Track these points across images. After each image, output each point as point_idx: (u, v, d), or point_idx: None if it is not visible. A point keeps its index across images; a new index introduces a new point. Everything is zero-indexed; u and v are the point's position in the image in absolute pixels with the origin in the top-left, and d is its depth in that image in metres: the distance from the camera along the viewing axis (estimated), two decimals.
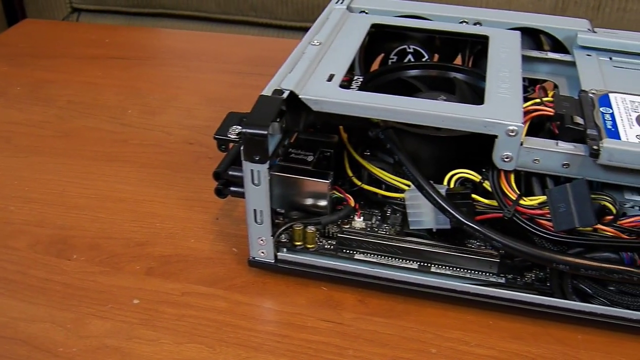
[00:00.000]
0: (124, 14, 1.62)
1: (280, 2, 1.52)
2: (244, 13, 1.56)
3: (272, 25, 1.55)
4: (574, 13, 1.39)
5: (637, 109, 0.57)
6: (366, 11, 0.74)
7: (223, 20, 1.58)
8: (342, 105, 0.55)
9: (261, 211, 0.57)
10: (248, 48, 1.13)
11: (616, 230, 0.54)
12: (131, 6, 1.59)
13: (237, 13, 1.56)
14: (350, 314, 0.59)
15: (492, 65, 0.62)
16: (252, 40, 1.27)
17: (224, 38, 1.25)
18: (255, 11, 1.55)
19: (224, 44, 1.15)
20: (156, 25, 1.56)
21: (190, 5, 1.56)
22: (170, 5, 1.57)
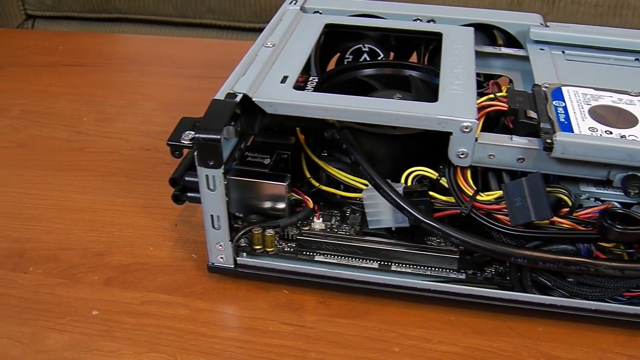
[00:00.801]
0: (80, 19, 1.59)
1: (238, 3, 1.51)
2: (201, 16, 1.55)
3: (231, 27, 1.55)
4: (530, 8, 1.40)
5: (590, 101, 0.58)
6: (320, 11, 0.74)
7: (181, 24, 1.56)
8: (296, 106, 0.55)
9: (218, 216, 0.57)
10: (205, 51, 1.12)
11: (572, 222, 0.54)
12: (87, 11, 1.57)
13: (195, 16, 1.55)
14: (312, 316, 0.58)
15: (446, 62, 0.62)
16: (209, 43, 1.27)
17: (180, 42, 1.24)
18: (213, 13, 1.54)
19: (181, 48, 1.14)
20: (113, 30, 1.55)
21: (147, 9, 1.55)
22: (126, 9, 1.55)
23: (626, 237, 0.52)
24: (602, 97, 0.59)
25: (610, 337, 0.57)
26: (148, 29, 1.57)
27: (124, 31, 1.54)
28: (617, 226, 0.51)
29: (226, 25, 1.55)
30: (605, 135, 0.53)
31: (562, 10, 1.40)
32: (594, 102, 0.58)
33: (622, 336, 0.57)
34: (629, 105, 0.58)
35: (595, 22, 1.39)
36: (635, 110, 0.57)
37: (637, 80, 0.65)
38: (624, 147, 0.52)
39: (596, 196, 0.56)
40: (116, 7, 1.55)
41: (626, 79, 0.65)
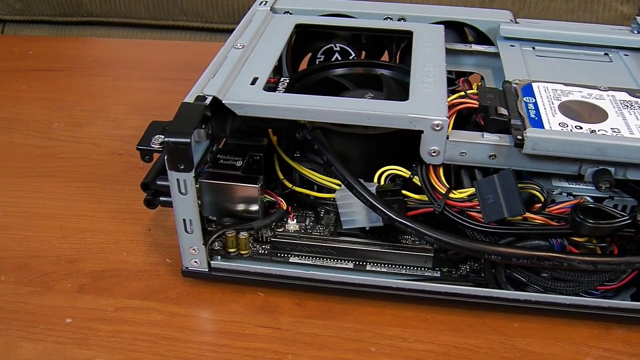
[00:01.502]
0: (50, 23, 1.57)
1: (211, 5, 1.50)
2: (174, 17, 1.54)
3: (204, 29, 1.53)
4: (501, 5, 1.41)
5: (560, 97, 0.58)
6: (290, 11, 0.74)
7: (153, 26, 1.55)
8: (266, 108, 0.54)
9: (190, 220, 0.56)
10: (177, 53, 1.11)
11: (545, 217, 0.55)
12: (58, 15, 1.55)
13: (167, 18, 1.54)
14: (288, 318, 0.58)
15: (417, 60, 0.62)
16: (182, 45, 1.26)
17: (152, 44, 1.23)
18: (185, 15, 1.53)
19: (153, 51, 1.13)
20: (85, 33, 1.53)
21: (119, 11, 1.53)
22: (98, 12, 1.54)
23: (598, 231, 0.53)
24: (572, 92, 0.59)
25: (585, 330, 0.58)
26: (120, 31, 1.55)
27: (95, 34, 1.52)
28: (588, 221, 0.52)
29: (199, 27, 1.54)
30: (575, 131, 0.53)
31: (534, 7, 1.41)
32: (564, 97, 0.58)
33: (596, 329, 0.58)
34: (598, 100, 0.58)
35: (567, 18, 1.40)
36: (604, 105, 0.57)
37: (606, 75, 0.66)
38: (594, 141, 0.52)
39: (568, 191, 0.56)
40: (87, 10, 1.53)
41: (596, 74, 0.66)
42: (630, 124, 0.55)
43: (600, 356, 0.55)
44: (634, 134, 0.53)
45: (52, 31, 1.55)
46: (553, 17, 1.40)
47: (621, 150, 0.52)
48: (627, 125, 0.55)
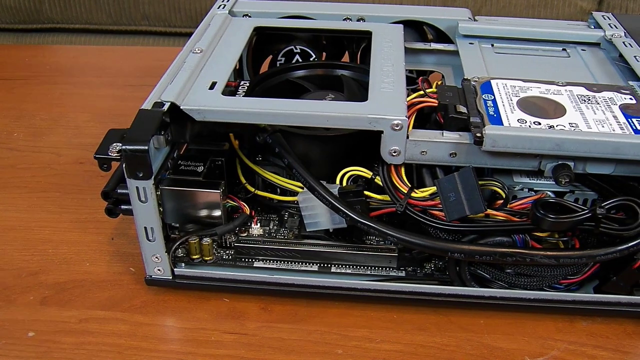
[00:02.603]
0: (10, 31, 1.55)
1: (173, 9, 1.49)
2: (136, 23, 1.52)
3: (167, 33, 1.53)
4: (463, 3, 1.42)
5: (519, 93, 0.58)
6: (249, 14, 0.73)
7: (115, 32, 1.54)
8: (225, 113, 0.54)
9: (152, 228, 0.56)
10: (139, 59, 1.10)
11: (507, 214, 0.55)
12: (18, 22, 1.53)
13: (130, 23, 1.53)
14: (254, 323, 0.58)
15: (376, 60, 0.62)
16: (144, 50, 1.25)
17: (114, 50, 1.22)
18: (147, 20, 1.52)
19: (114, 57, 1.12)
20: (46, 41, 1.51)
21: (80, 17, 1.52)
22: (59, 19, 1.52)
23: (559, 226, 0.53)
24: (530, 88, 0.59)
25: (550, 324, 0.58)
26: (82, 38, 1.54)
27: (57, 41, 1.50)
28: (549, 216, 0.52)
29: (162, 31, 1.53)
30: (534, 126, 0.54)
31: (495, 4, 1.42)
32: (523, 93, 0.58)
33: (561, 323, 0.58)
34: (556, 95, 0.58)
35: (527, 14, 1.41)
36: (562, 100, 0.58)
37: (564, 70, 0.66)
38: (552, 137, 0.52)
39: (530, 187, 0.57)
40: (48, 17, 1.51)
41: (554, 69, 0.67)
42: (588, 118, 0.55)
43: (566, 349, 0.56)
44: (592, 128, 0.54)
45: (11, 39, 1.54)
46: (514, 14, 1.41)
47: (579, 145, 0.52)
48: (585, 119, 0.55)
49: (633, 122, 0.55)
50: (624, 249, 0.53)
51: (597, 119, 0.55)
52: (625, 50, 0.67)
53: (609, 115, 0.56)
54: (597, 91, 0.60)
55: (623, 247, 0.53)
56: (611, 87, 0.61)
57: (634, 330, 0.58)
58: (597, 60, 0.68)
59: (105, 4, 1.49)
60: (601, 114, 0.56)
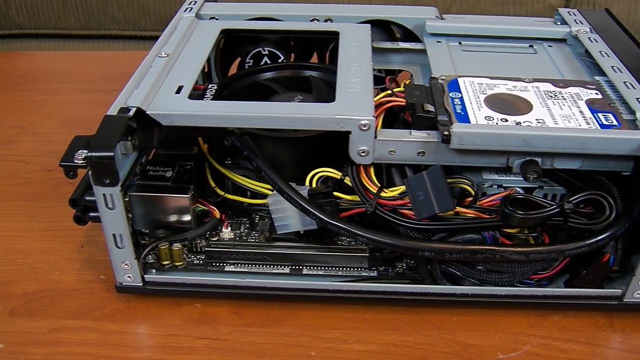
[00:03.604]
0: None
1: (143, 12, 1.48)
2: (106, 27, 1.51)
3: (137, 37, 1.51)
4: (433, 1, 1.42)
5: (486, 90, 0.59)
6: (216, 17, 0.73)
7: (85, 36, 1.52)
8: (192, 117, 0.53)
9: (120, 235, 0.55)
10: (109, 64, 1.09)
11: (477, 211, 0.55)
12: None
13: (99, 27, 1.51)
14: (227, 328, 0.57)
15: (343, 60, 0.62)
16: (113, 55, 1.24)
17: (83, 55, 1.21)
18: (117, 24, 1.50)
19: (83, 62, 1.11)
20: (13, 47, 1.49)
21: (48, 23, 1.50)
22: (26, 24, 1.50)
23: (527, 221, 0.53)
24: (497, 85, 0.60)
25: (522, 319, 0.58)
26: (50, 43, 1.52)
27: (25, 47, 1.48)
28: (517, 212, 0.52)
29: (132, 35, 1.52)
30: (501, 123, 0.54)
31: (465, 1, 1.43)
32: (490, 91, 0.59)
33: (533, 318, 0.59)
34: (523, 92, 0.59)
35: (497, 11, 1.42)
36: (529, 96, 0.58)
37: (531, 66, 0.67)
38: (519, 133, 0.53)
39: (499, 183, 0.57)
40: (15, 23, 1.49)
41: (521, 66, 0.67)
42: (555, 114, 0.56)
43: (538, 344, 0.56)
44: (558, 123, 0.54)
45: None
46: (484, 11, 1.41)
47: (546, 141, 0.53)
48: (552, 115, 0.55)
49: (599, 117, 0.55)
50: (592, 243, 0.54)
51: (564, 114, 0.56)
52: (591, 46, 0.67)
53: (575, 110, 0.56)
54: (563, 87, 0.60)
55: (592, 241, 0.53)
56: (577, 83, 0.61)
57: (604, 323, 0.58)
58: (563, 56, 0.69)
59: (73, 8, 1.48)
60: (567, 109, 0.56)
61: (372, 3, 0.74)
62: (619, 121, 0.55)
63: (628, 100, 0.57)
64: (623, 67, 0.63)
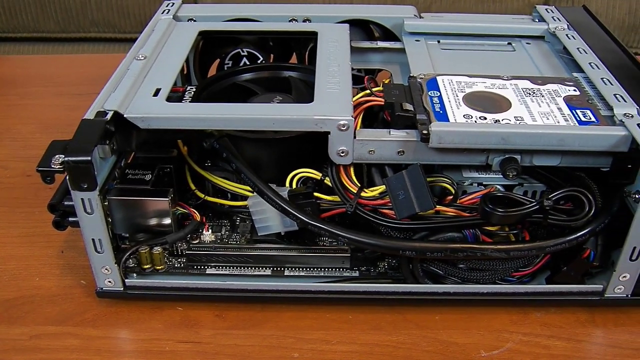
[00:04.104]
0: None
1: (123, 14, 1.48)
2: (85, 29, 1.50)
3: (117, 39, 1.51)
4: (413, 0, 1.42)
5: (464, 89, 0.59)
6: (194, 19, 0.73)
7: (64, 39, 1.52)
8: (170, 119, 0.53)
9: (100, 240, 0.55)
10: (89, 67, 1.08)
11: (457, 209, 0.55)
12: None
13: (79, 30, 1.51)
14: (209, 331, 0.57)
15: (321, 60, 0.62)
16: (93, 58, 1.23)
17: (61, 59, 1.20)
18: (97, 26, 1.50)
19: (61, 65, 1.10)
20: None
21: (27, 26, 1.49)
22: (5, 28, 1.49)
23: (507, 219, 0.54)
24: (476, 83, 0.60)
25: (505, 317, 0.59)
26: (30, 47, 1.51)
27: (3, 51, 1.48)
28: (497, 210, 0.52)
29: (112, 38, 1.52)
30: (479, 122, 0.54)
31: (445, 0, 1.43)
32: (469, 89, 0.59)
33: (515, 315, 0.59)
34: (502, 90, 0.59)
35: (477, 9, 1.43)
36: (508, 94, 0.58)
37: (510, 64, 0.67)
38: (498, 131, 0.53)
39: (479, 181, 0.57)
40: None
41: (500, 63, 0.67)
42: (533, 112, 0.56)
43: (520, 341, 0.56)
44: (537, 121, 0.55)
45: None
46: (464, 9, 1.42)
47: (525, 138, 0.53)
48: (530, 112, 0.56)
49: (577, 113, 0.56)
50: (572, 240, 0.54)
51: (542, 111, 0.56)
52: (569, 43, 0.68)
53: (554, 107, 0.56)
54: (541, 84, 0.60)
55: (571, 237, 0.54)
56: (555, 80, 0.61)
57: (586, 319, 0.59)
58: (541, 53, 0.69)
59: (52, 11, 1.47)
60: (546, 106, 0.57)
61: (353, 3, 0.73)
62: (597, 117, 0.55)
63: (606, 97, 0.57)
64: (600, 63, 0.63)
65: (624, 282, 0.57)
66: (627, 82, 0.60)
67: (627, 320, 0.59)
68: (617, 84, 0.59)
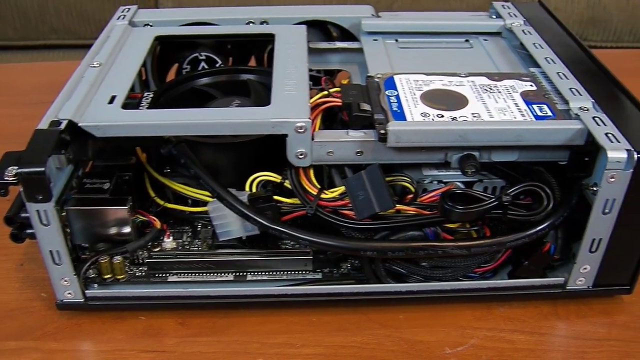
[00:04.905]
0: None
1: (83, 21, 1.46)
2: (45, 37, 1.48)
3: (78, 46, 1.49)
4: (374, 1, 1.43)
5: (422, 87, 0.59)
6: (150, 24, 0.72)
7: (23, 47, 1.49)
8: (125, 127, 0.52)
9: (58, 251, 0.54)
10: (47, 75, 1.06)
11: (417, 208, 0.55)
12: None
13: (38, 37, 1.48)
14: (172, 339, 0.56)
15: (278, 62, 0.61)
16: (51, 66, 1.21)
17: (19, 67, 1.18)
18: (57, 33, 1.48)
19: (18, 74, 1.08)
20: None
21: None
22: None
23: (467, 216, 0.54)
24: (433, 81, 0.60)
25: (468, 313, 0.59)
26: None
27: None
28: (457, 207, 0.53)
29: (73, 45, 1.50)
30: (437, 119, 0.54)
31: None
32: (426, 87, 0.59)
33: (479, 311, 0.59)
34: (458, 87, 0.59)
35: (439, 7, 1.43)
36: (465, 91, 0.59)
37: (467, 61, 0.67)
38: (455, 128, 0.53)
39: (439, 179, 0.58)
40: None
41: (457, 60, 0.68)
42: (490, 108, 0.56)
43: (484, 336, 0.57)
44: (494, 117, 0.55)
45: None
46: (426, 7, 1.43)
47: (482, 135, 0.53)
48: (487, 109, 0.56)
49: (533, 108, 0.56)
50: (532, 234, 0.54)
51: (499, 107, 0.56)
52: (525, 38, 0.68)
53: (511, 103, 0.57)
54: (498, 80, 0.61)
55: (531, 231, 0.54)
56: (512, 75, 0.62)
57: (549, 312, 0.59)
58: (498, 50, 0.70)
59: (10, 18, 1.45)
60: (503, 102, 0.57)
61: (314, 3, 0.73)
62: (553, 112, 0.56)
63: (561, 91, 0.58)
64: (556, 58, 0.64)
65: (584, 273, 0.57)
66: (582, 76, 0.60)
67: (589, 312, 0.59)
68: (573, 78, 0.60)
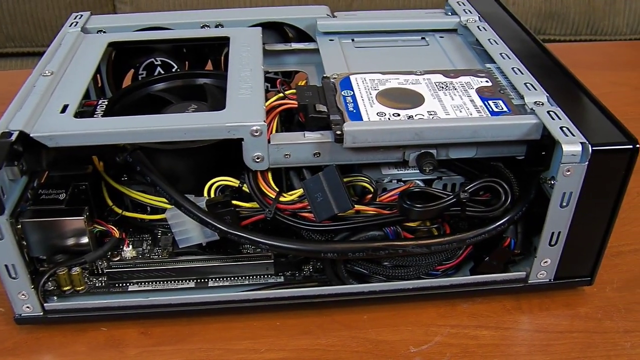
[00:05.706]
0: None
1: (39, 28, 1.44)
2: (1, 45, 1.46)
3: (35, 54, 1.46)
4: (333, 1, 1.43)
5: (378, 86, 0.59)
6: (104, 30, 0.71)
7: None
8: (78, 136, 0.51)
9: (13, 265, 0.53)
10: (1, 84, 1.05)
11: (377, 207, 0.55)
12: None
13: None
14: (135, 350, 0.56)
15: (233, 65, 0.61)
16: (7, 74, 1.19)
17: None
18: (13, 41, 1.46)
19: None
20: None
21: None
22: None
23: (426, 214, 0.54)
24: (389, 80, 0.60)
25: (432, 310, 0.59)
26: None
27: None
28: (415, 206, 0.53)
29: (30, 52, 1.47)
30: (393, 119, 0.54)
31: None
32: (382, 86, 0.59)
33: (442, 308, 0.59)
34: (415, 85, 0.59)
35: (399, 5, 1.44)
36: (421, 89, 0.59)
37: (423, 58, 0.68)
38: (411, 127, 0.53)
39: (398, 178, 0.57)
40: None
41: (414, 58, 0.68)
42: (446, 105, 0.56)
43: (449, 333, 0.57)
44: (450, 114, 0.55)
45: None
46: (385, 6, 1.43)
47: (438, 132, 0.53)
48: (443, 106, 0.56)
49: (489, 104, 0.56)
50: (491, 230, 0.54)
51: (455, 104, 0.56)
52: (480, 34, 0.68)
53: (466, 99, 0.57)
54: (454, 77, 0.61)
55: (490, 227, 0.54)
56: (468, 72, 0.62)
57: (512, 306, 0.60)
58: (455, 46, 0.70)
59: None
60: (459, 99, 0.57)
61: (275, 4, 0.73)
62: (509, 107, 0.56)
63: (517, 86, 0.58)
64: (511, 53, 0.64)
65: (545, 267, 0.58)
66: (537, 71, 0.61)
67: (552, 304, 0.60)
68: (528, 72, 0.60)
